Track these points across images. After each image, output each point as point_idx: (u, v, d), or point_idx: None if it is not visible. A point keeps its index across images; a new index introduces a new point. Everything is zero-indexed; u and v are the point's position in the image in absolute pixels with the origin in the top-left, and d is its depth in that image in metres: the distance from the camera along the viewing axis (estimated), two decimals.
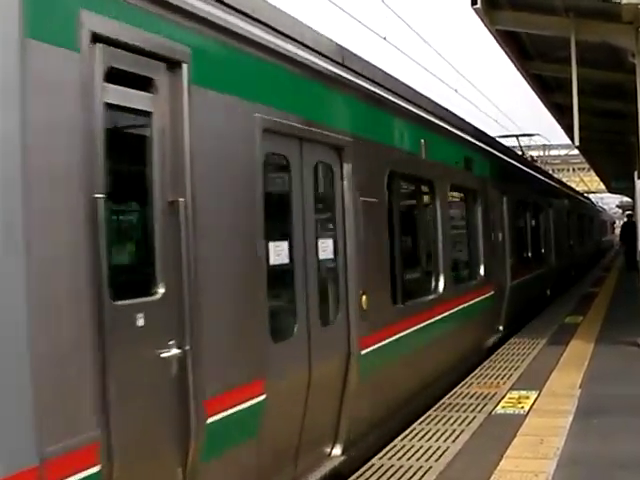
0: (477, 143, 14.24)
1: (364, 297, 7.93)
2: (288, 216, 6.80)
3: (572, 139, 14.39)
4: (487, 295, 14.12)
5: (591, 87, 16.47)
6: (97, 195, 4.35)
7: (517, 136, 28.24)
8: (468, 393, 10.31)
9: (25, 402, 3.87)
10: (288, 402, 6.54)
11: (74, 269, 4.23)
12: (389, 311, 8.90)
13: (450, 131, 12.32)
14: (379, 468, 7.31)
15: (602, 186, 52.85)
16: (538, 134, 29.16)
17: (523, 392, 10.16)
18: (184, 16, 5.27)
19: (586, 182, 57.15)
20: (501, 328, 15.52)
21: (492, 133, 19.54)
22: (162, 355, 4.88)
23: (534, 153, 48.11)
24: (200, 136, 5.27)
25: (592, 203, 53.36)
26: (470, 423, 8.75)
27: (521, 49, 15.12)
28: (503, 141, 21.49)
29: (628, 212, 41.19)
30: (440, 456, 7.56)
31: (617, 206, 78.37)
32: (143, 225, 5.27)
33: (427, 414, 9.30)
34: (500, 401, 9.73)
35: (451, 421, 8.89)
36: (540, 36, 13.83)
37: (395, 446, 8.00)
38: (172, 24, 5.14)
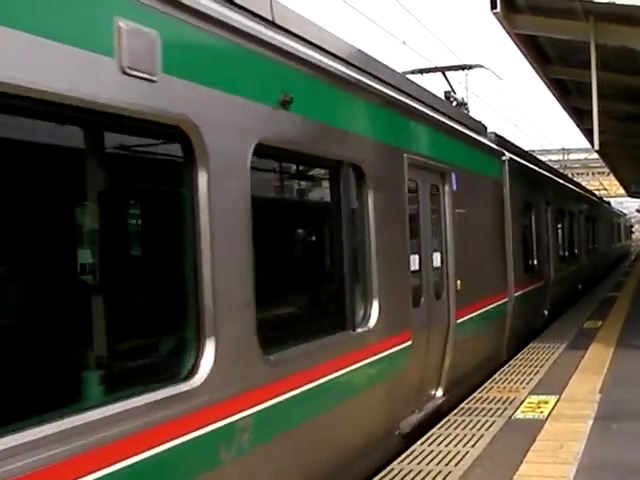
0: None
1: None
2: None
3: (592, 143, 14.32)
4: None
5: (611, 91, 16.40)
6: None
7: (443, 70, 17.12)
8: (487, 398, 10.31)
9: None
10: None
11: None
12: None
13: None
14: (399, 472, 7.33)
15: (622, 190, 52.59)
16: (481, 65, 18.06)
17: (542, 397, 10.14)
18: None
19: (606, 186, 56.91)
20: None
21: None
22: None
23: (553, 157, 48.08)
24: None
25: (602, 201, 45.13)
26: (489, 428, 8.75)
27: (540, 53, 15.06)
28: (427, 78, 17.32)
29: None
30: (459, 461, 7.58)
31: (637, 210, 77.93)
32: None
33: (446, 419, 9.31)
34: (520, 406, 9.72)
35: (470, 426, 8.89)
36: (559, 40, 13.78)
37: (414, 451, 8.02)
38: None
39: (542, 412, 9.34)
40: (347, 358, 7.23)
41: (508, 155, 15.17)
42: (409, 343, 8.81)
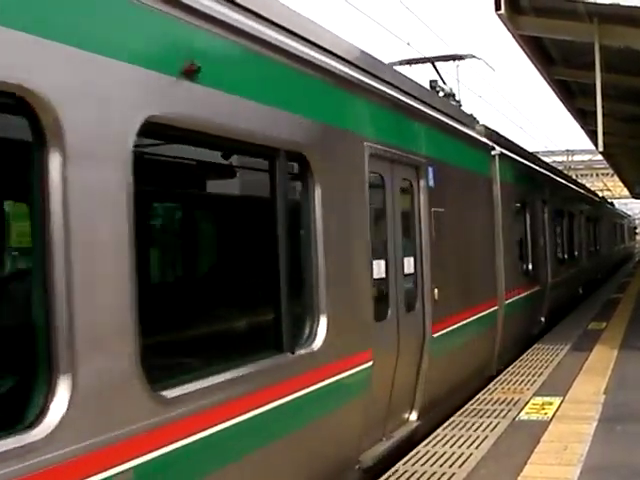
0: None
1: None
2: None
3: (596, 144, 14.32)
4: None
5: (615, 92, 16.40)
6: None
7: (432, 61, 15.29)
8: (492, 399, 10.30)
9: None
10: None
11: None
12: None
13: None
14: (403, 474, 7.33)
15: (626, 192, 52.57)
16: (473, 55, 16.08)
17: (547, 398, 10.13)
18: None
19: (610, 187, 56.86)
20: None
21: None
22: None
23: (558, 158, 48.10)
24: None
25: (605, 201, 42.81)
26: (494, 429, 8.74)
27: (545, 54, 15.07)
28: (417, 70, 16.03)
29: None
30: (464, 462, 7.57)
31: None
32: None
33: (450, 420, 9.30)
34: (524, 407, 9.71)
35: (475, 427, 8.89)
36: (564, 41, 13.79)
37: (419, 452, 8.02)
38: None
39: (546, 413, 9.33)
40: (282, 387, 5.89)
41: (499, 149, 13.77)
42: (369, 364, 7.43)
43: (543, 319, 17.59)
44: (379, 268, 8.08)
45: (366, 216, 7.66)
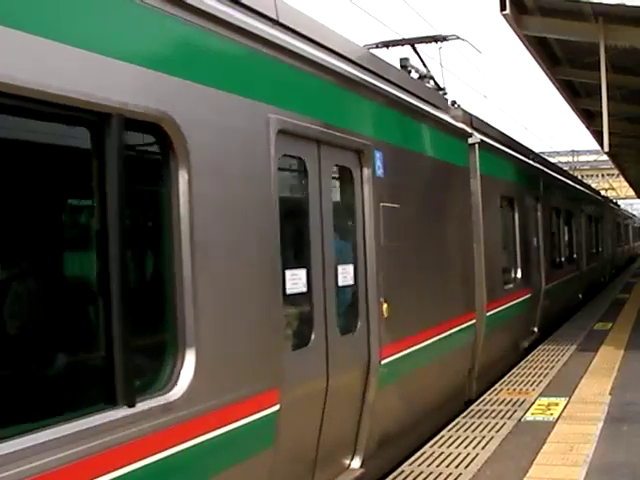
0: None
1: None
2: None
3: (601, 145, 14.28)
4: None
5: (621, 92, 16.39)
6: None
7: (413, 43, 12.81)
8: (497, 400, 10.29)
9: None
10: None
11: None
12: None
13: None
14: (409, 474, 7.33)
15: (632, 192, 52.52)
16: (457, 37, 13.03)
17: (552, 399, 10.12)
18: None
19: (615, 188, 56.81)
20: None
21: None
22: None
23: (563, 159, 48.17)
24: None
25: (609, 201, 40.28)
26: (499, 430, 8.73)
27: (550, 55, 15.08)
28: (395, 52, 14.92)
29: None
30: (469, 463, 7.57)
31: None
32: None
33: (456, 421, 9.30)
34: (529, 408, 9.70)
35: (480, 428, 8.88)
36: (569, 41, 13.79)
37: (425, 452, 8.02)
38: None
39: (552, 414, 9.32)
40: (108, 457, 4.00)
41: (479, 137, 11.65)
42: (274, 409, 5.55)
43: (536, 329, 15.84)
44: (296, 280, 6.19)
45: (272, 213, 5.74)
